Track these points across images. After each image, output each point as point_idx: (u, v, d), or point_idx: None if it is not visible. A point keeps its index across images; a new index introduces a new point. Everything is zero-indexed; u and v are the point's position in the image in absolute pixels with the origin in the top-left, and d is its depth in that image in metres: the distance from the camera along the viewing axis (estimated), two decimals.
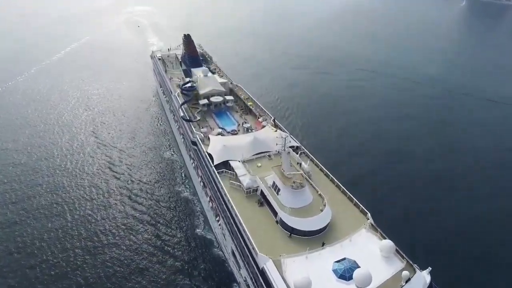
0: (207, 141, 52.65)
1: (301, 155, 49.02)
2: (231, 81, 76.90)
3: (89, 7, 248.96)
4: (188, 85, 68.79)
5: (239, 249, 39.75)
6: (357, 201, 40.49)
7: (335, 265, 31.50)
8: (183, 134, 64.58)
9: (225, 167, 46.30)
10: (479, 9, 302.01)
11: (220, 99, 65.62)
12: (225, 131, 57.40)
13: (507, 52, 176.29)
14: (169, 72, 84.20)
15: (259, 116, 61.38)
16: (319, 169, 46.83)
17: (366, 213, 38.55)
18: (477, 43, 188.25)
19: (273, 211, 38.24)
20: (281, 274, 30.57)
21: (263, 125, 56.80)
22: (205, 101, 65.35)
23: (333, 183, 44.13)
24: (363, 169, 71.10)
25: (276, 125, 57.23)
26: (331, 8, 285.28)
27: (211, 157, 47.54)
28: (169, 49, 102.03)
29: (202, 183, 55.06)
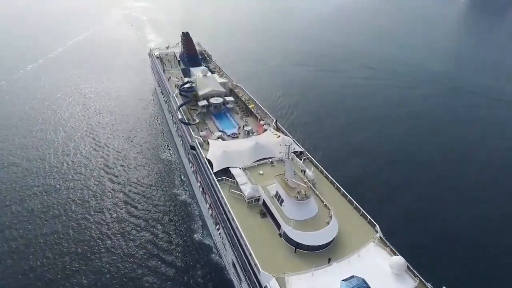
0: (207, 145, 50.46)
1: (305, 161, 46.94)
2: (232, 81, 74.49)
3: (88, 2, 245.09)
4: (186, 85, 66.43)
5: (240, 262, 37.73)
6: (364, 211, 38.39)
7: (342, 284, 29.43)
8: (181, 136, 62.34)
9: (225, 174, 44.14)
10: (480, 6, 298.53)
11: (220, 100, 63.25)
12: (225, 134, 55.16)
13: (510, 50, 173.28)
14: (167, 71, 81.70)
15: (261, 118, 59.12)
16: (324, 176, 44.68)
17: (374, 225, 36.47)
18: (480, 40, 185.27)
19: (276, 223, 36.14)
20: None
21: (265, 128, 54.55)
22: (204, 102, 62.97)
23: (339, 191, 42.00)
24: (369, 174, 67.74)
25: (278, 128, 55.07)
26: (333, 4, 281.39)
27: (210, 163, 45.35)
28: (167, 47, 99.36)
29: (201, 189, 52.95)
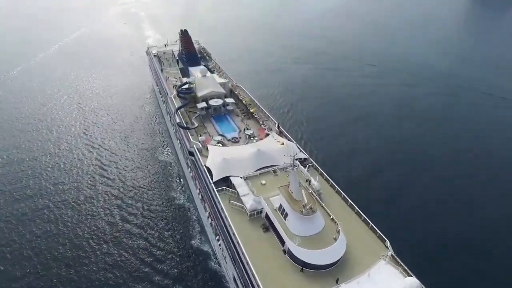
0: (206, 151, 48.09)
1: (309, 168, 44.54)
2: (232, 81, 71.80)
3: None
4: (185, 86, 63.80)
5: (241, 279, 35.48)
6: (373, 225, 36.09)
7: None
8: (179, 139, 59.83)
9: (225, 183, 41.86)
10: (484, 1, 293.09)
11: (219, 102, 60.64)
12: (225, 138, 52.70)
13: None
14: (165, 70, 78.96)
15: (262, 122, 56.56)
16: (330, 185, 42.30)
17: (384, 241, 34.21)
18: (484, 36, 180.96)
19: (280, 238, 33.85)
20: None
21: (267, 132, 52.05)
22: (204, 104, 60.38)
23: (346, 202, 39.66)
24: (377, 181, 63.55)
25: (281, 132, 52.64)
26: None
27: (209, 171, 42.96)
28: (165, 45, 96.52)
29: (200, 196, 50.58)
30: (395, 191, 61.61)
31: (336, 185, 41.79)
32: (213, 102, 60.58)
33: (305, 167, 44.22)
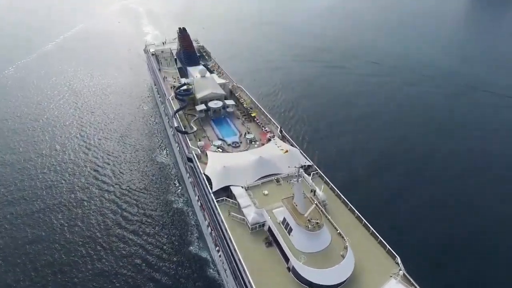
0: (205, 157, 45.93)
1: (314, 176, 42.39)
2: (232, 81, 69.42)
3: None
4: (183, 88, 61.46)
5: None
6: (382, 239, 34.02)
7: None
8: (178, 143, 57.61)
9: (225, 192, 39.76)
10: None
11: (219, 104, 58.34)
12: (226, 143, 50.49)
13: None
14: (163, 70, 76.51)
15: (264, 126, 54.28)
16: (335, 195, 40.18)
17: (395, 257, 32.16)
18: (489, 33, 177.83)
19: (284, 255, 31.80)
20: None
21: (269, 137, 49.79)
22: (203, 106, 58.05)
23: (353, 214, 37.54)
24: (384, 189, 59.77)
25: (283, 137, 50.45)
26: None
27: (209, 180, 40.83)
28: (163, 43, 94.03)
29: (199, 203, 48.58)
30: (404, 199, 57.85)
31: (341, 195, 39.69)
32: (212, 104, 58.30)
33: (309, 175, 42.13)
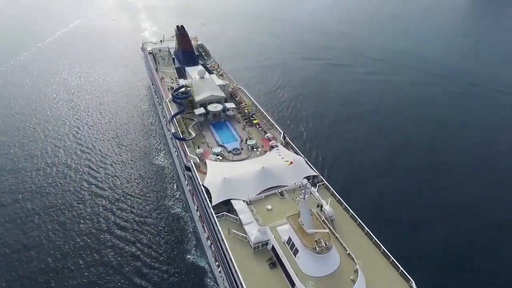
0: (204, 166, 43.41)
1: (320, 187, 39.89)
2: (233, 82, 66.54)
3: None
4: (181, 90, 58.63)
5: None
6: (394, 259, 31.59)
7: None
8: (176, 148, 54.96)
9: (226, 206, 37.32)
10: None
11: (219, 107, 55.58)
12: (226, 150, 47.91)
13: None
14: (160, 70, 73.58)
15: (266, 131, 51.56)
16: (343, 208, 37.67)
17: (409, 280, 29.78)
18: (497, 31, 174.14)
19: (289, 278, 29.43)
20: None
21: (272, 144, 47.14)
22: (202, 110, 55.27)
23: (362, 230, 35.08)
24: (394, 202, 55.54)
25: (287, 143, 47.86)
26: None
27: (208, 192, 38.32)
28: (161, 40, 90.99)
29: (198, 213, 46.13)
30: (418, 211, 53.78)
31: (350, 209, 37.21)
32: (212, 107, 55.54)
33: (315, 186, 39.65)
